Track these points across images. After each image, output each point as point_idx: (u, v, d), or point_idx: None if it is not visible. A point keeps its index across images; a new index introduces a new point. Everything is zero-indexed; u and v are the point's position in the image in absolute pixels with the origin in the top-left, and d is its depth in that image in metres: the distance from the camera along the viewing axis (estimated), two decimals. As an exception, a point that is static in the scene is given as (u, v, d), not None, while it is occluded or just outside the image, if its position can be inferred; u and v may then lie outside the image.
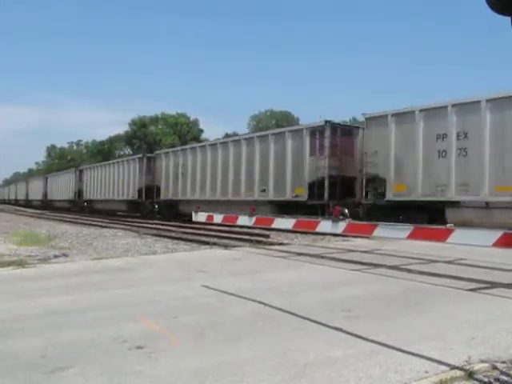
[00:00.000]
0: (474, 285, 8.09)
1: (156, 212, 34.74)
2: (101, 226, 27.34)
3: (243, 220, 10.51)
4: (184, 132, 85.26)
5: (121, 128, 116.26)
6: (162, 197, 33.45)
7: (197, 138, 77.68)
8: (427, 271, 9.38)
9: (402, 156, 18.63)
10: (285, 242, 16.27)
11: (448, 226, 6.03)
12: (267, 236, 17.55)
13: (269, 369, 4.20)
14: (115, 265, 10.98)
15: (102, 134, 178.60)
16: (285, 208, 21.80)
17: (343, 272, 9.64)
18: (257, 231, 18.27)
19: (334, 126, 22.17)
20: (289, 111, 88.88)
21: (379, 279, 8.79)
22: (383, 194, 19.02)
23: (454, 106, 17.17)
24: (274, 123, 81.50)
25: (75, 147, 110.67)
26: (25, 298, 7.32)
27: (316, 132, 22.05)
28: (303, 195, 22.07)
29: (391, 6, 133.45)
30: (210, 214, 12.03)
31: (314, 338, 5.12)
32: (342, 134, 22.05)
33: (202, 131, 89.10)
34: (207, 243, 16.14)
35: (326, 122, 21.64)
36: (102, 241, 19.14)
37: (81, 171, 51.00)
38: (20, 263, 10.81)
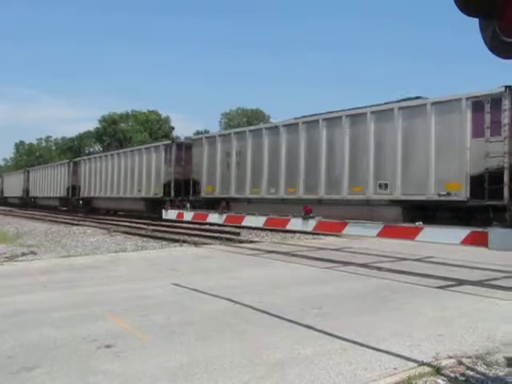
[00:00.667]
0: (442, 282, 8.20)
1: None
2: (71, 224, 27.05)
3: (213, 218, 10.46)
4: (155, 129, 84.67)
5: (91, 125, 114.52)
6: (203, 194, 26.00)
7: (167, 135, 77.08)
8: (397, 269, 9.48)
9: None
10: (255, 239, 16.31)
11: (417, 224, 6.09)
12: (238, 234, 17.57)
13: (239, 367, 4.19)
14: (84, 263, 10.86)
15: (72, 130, 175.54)
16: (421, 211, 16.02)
17: (314, 270, 9.67)
18: (227, 229, 18.29)
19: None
20: (260, 109, 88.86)
21: (349, 277, 8.84)
22: None
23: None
24: (245, 121, 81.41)
25: (44, 143, 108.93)
26: (-9, 296, 7.17)
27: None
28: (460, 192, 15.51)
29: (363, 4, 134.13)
30: (180, 211, 11.95)
31: (285, 335, 5.13)
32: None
33: (172, 128, 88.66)
34: (177, 241, 16.10)
35: (507, 87, 14.85)
36: (71, 238, 18.96)
37: (75, 163, 44.12)
38: (-14, 261, 10.61)
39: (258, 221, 9.34)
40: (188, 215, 11.32)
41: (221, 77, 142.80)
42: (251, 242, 15.48)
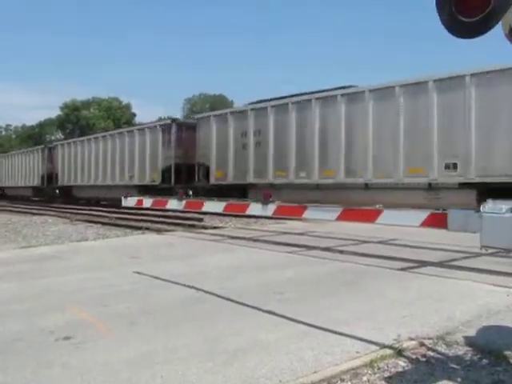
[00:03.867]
0: (404, 264, 8.28)
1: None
2: (31, 214, 26.52)
3: (173, 204, 10.33)
4: (118, 116, 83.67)
5: (52, 112, 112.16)
6: (213, 180, 22.91)
7: (130, 122, 76.25)
8: (359, 252, 9.54)
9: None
10: (219, 225, 16.22)
11: (377, 206, 6.10)
12: (201, 220, 17.45)
13: (200, 355, 4.12)
14: (44, 253, 10.62)
15: (32, 118, 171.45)
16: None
17: (277, 254, 9.66)
18: (189, 215, 18.14)
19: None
20: (223, 94, 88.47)
21: (312, 261, 8.85)
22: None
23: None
24: (208, 107, 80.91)
25: (3, 132, 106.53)
26: None
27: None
28: None
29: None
30: (140, 198, 11.80)
31: (246, 322, 5.08)
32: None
33: (134, 115, 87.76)
34: (140, 228, 15.92)
35: None
36: (31, 228, 18.58)
37: (51, 149, 40.03)
38: None
39: (217, 206, 9.24)
40: (147, 202, 11.18)
41: (182, 62, 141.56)
42: (215, 227, 15.41)
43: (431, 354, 4.11)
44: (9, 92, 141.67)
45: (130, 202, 11.85)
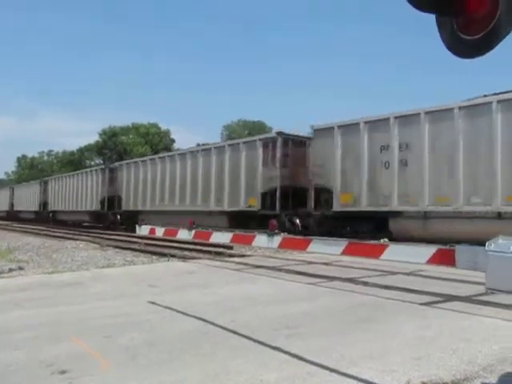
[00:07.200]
0: (429, 298, 7.86)
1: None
2: (64, 238, 26.81)
3: (183, 234, 10.19)
4: (155, 142, 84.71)
5: (91, 138, 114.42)
6: (337, 206, 19.06)
7: (168, 148, 77.06)
8: (383, 284, 9.14)
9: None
10: (247, 253, 15.95)
11: (382, 241, 5.79)
12: (230, 247, 17.20)
13: (193, 395, 3.88)
14: (66, 279, 10.56)
15: (73, 143, 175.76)
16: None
17: (298, 286, 9.34)
18: (222, 243, 17.83)
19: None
20: (262, 121, 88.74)
21: (333, 293, 8.50)
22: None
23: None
24: (247, 133, 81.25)
25: (46, 157, 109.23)
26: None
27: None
28: None
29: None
30: (153, 227, 11.71)
31: (251, 358, 4.81)
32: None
33: (173, 141, 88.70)
34: (166, 255, 15.80)
35: None
36: (62, 253, 18.71)
37: (112, 170, 37.96)
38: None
39: (224, 237, 9.05)
40: (159, 231, 11.08)
41: (222, 89, 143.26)
42: (242, 255, 15.13)
43: (442, 402, 3.77)
44: (52, 118, 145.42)
45: (143, 230, 11.79)
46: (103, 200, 35.71)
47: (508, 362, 4.69)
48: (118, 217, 34.59)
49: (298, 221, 18.23)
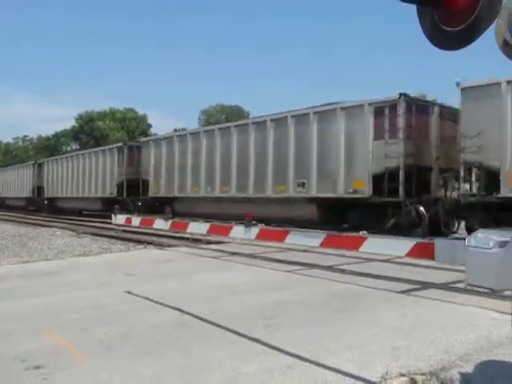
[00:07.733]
0: (406, 286, 7.91)
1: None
2: (40, 225, 26.48)
3: (159, 224, 10.10)
4: (132, 127, 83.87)
5: (67, 123, 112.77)
6: None
7: (145, 133, 76.32)
8: (361, 271, 9.17)
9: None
10: (225, 240, 15.86)
11: (361, 233, 5.78)
12: (208, 234, 17.13)
13: (171, 390, 3.83)
14: (41, 269, 10.40)
15: (49, 129, 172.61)
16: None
17: (275, 273, 9.32)
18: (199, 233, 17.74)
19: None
20: (240, 105, 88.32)
21: (310, 281, 8.50)
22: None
23: None
24: (224, 117, 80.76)
25: (21, 143, 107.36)
26: None
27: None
28: None
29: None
30: (129, 216, 11.60)
31: (230, 351, 4.76)
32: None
33: (150, 126, 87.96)
34: (143, 242, 15.68)
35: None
36: (37, 241, 18.47)
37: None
38: None
39: (201, 228, 8.99)
40: (135, 221, 10.98)
41: (198, 74, 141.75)
42: (219, 243, 15.04)
43: (421, 393, 3.78)
44: (26, 103, 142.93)
45: (119, 219, 11.64)
46: (120, 184, 30.79)
47: (483, 350, 4.73)
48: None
49: (422, 209, 15.01)
